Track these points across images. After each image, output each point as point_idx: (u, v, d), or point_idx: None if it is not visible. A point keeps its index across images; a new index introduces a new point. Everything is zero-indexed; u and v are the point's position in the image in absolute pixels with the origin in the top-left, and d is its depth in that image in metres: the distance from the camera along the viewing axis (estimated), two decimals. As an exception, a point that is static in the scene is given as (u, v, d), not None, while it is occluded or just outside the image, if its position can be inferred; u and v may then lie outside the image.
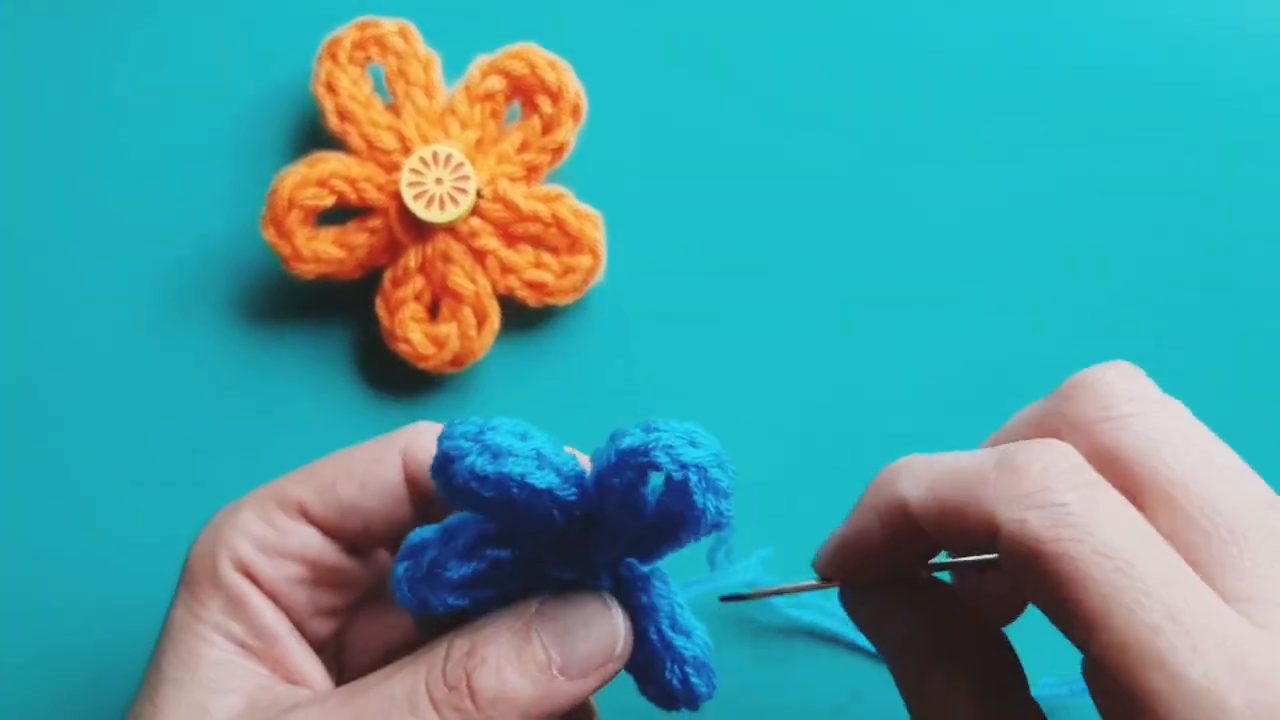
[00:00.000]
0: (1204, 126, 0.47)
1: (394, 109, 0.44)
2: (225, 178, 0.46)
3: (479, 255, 0.44)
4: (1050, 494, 0.26)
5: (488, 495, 0.28)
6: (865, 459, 0.33)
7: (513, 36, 0.45)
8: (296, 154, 0.45)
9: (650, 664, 0.31)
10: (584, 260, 0.44)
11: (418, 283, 0.44)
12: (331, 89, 0.44)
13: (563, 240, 0.44)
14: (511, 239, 0.44)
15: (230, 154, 0.46)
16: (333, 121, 0.44)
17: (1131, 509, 0.26)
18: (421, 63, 0.44)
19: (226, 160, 0.46)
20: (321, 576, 0.33)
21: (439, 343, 0.44)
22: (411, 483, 0.33)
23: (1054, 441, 0.27)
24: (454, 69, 0.45)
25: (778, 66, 0.47)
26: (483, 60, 0.44)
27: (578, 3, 0.47)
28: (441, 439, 0.28)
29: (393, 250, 0.44)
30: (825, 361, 0.45)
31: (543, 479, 0.28)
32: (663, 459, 0.27)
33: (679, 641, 0.31)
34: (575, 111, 0.44)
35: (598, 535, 0.30)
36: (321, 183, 0.43)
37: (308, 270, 0.44)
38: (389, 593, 0.33)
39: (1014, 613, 0.33)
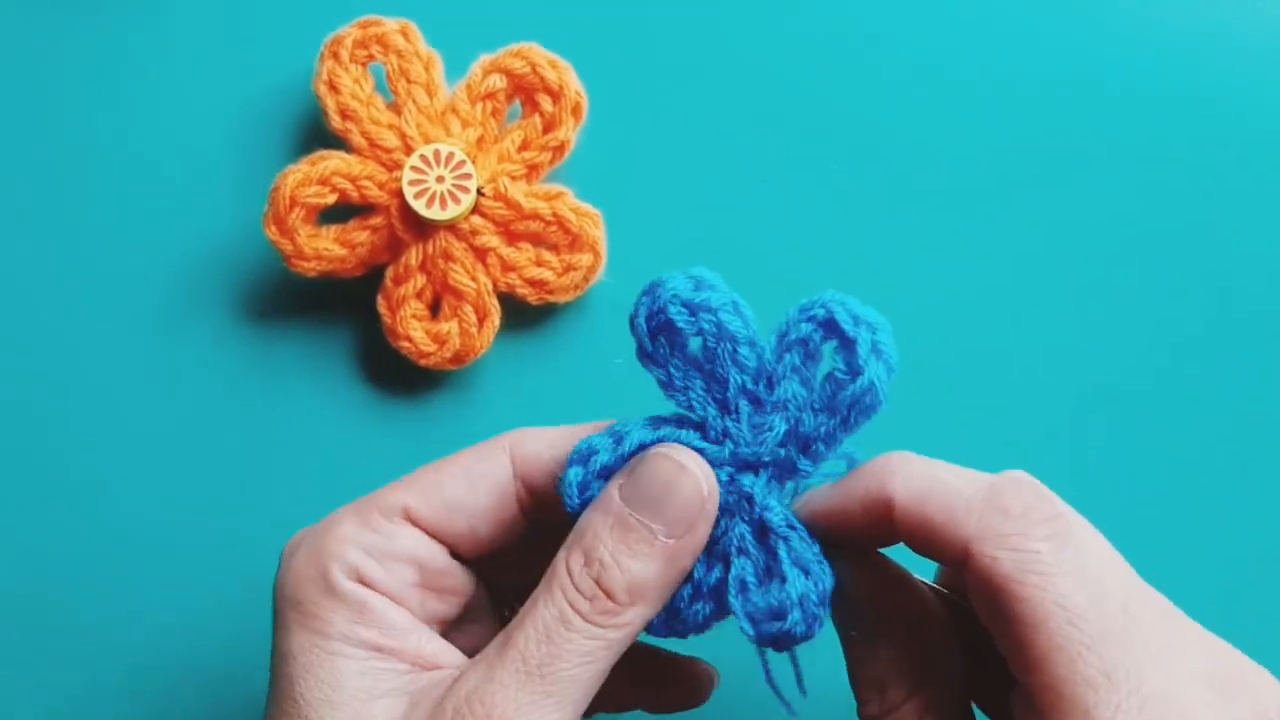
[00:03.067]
0: (1204, 130, 0.47)
1: (395, 107, 0.44)
2: (227, 176, 0.46)
3: (480, 253, 0.44)
4: (1025, 539, 0.28)
5: (682, 325, 0.31)
6: (864, 458, 0.33)
7: (514, 36, 0.45)
8: (298, 152, 0.45)
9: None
10: (584, 258, 0.44)
11: (419, 280, 0.44)
12: (333, 87, 0.44)
13: (563, 238, 0.44)
14: (512, 237, 0.44)
15: (232, 152, 0.46)
16: (334, 120, 0.44)
17: (1093, 562, 0.28)
18: (423, 61, 0.44)
19: (228, 159, 0.46)
20: (430, 580, 0.33)
21: (440, 340, 0.44)
22: (521, 480, 0.33)
23: (1036, 485, 0.29)
24: (455, 68, 0.45)
25: (778, 66, 0.47)
26: (484, 59, 0.45)
27: (578, 3, 0.47)
28: (651, 284, 0.31)
29: (394, 248, 0.44)
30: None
31: (735, 321, 0.31)
32: (840, 312, 0.31)
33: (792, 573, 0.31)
34: (576, 110, 0.44)
35: (765, 415, 0.31)
36: (323, 181, 0.43)
37: (309, 268, 0.44)
38: (478, 610, 0.35)
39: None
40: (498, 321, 0.44)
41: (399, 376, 0.46)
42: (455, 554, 0.34)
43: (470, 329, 0.44)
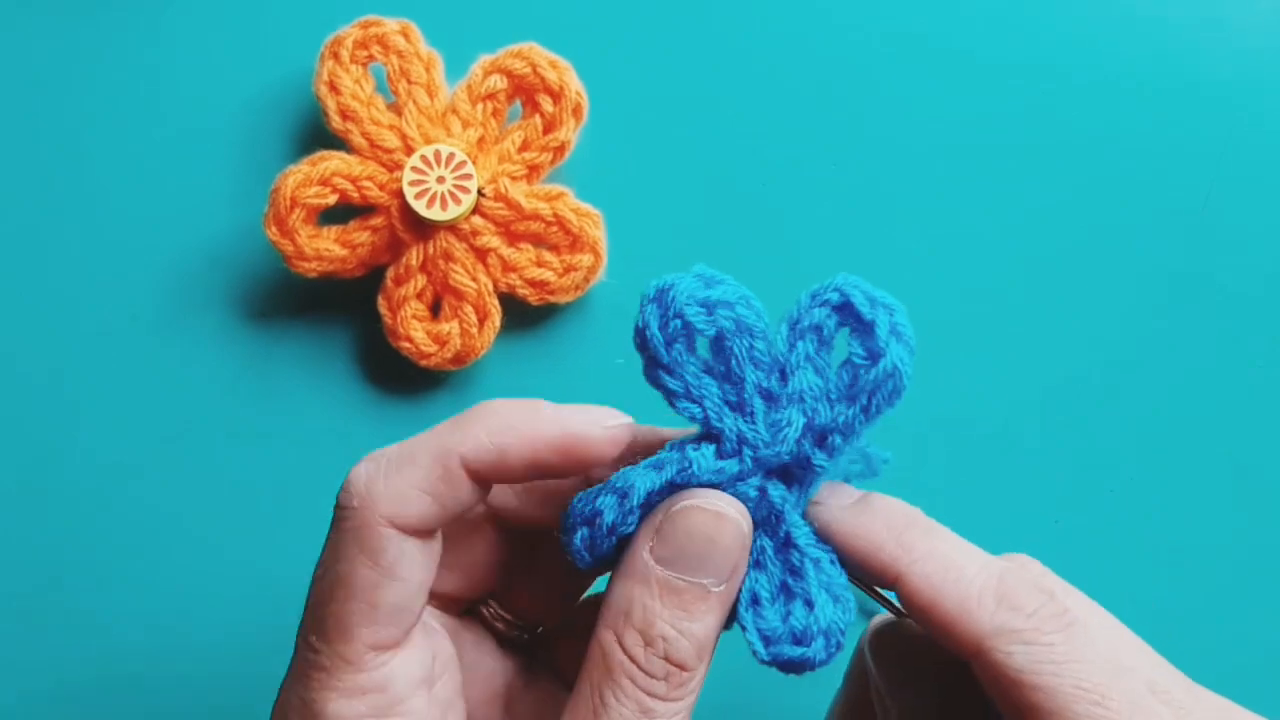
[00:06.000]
0: (1205, 129, 0.47)
1: (396, 108, 0.44)
2: (228, 177, 0.46)
3: (480, 254, 0.44)
4: (1039, 634, 0.28)
5: (701, 325, 0.29)
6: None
7: (514, 36, 0.45)
8: (299, 153, 0.45)
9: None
10: (585, 259, 0.44)
11: (419, 281, 0.44)
12: (334, 88, 0.44)
13: (564, 239, 0.44)
14: (513, 237, 0.44)
15: (233, 153, 0.46)
16: (335, 121, 0.44)
17: (1108, 644, 0.28)
18: (423, 62, 0.44)
19: (229, 159, 0.46)
20: (433, 680, 0.31)
21: (440, 340, 0.44)
22: (412, 533, 0.30)
23: (1044, 576, 0.29)
24: (456, 68, 0.45)
25: (778, 67, 0.47)
26: (484, 60, 0.45)
27: (579, 3, 0.47)
28: (652, 284, 0.30)
29: (395, 249, 0.44)
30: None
31: (750, 315, 0.29)
32: (855, 294, 0.29)
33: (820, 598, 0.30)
34: (576, 111, 0.44)
35: (780, 410, 0.30)
36: (324, 181, 0.43)
37: (310, 269, 0.44)
38: (475, 658, 0.33)
39: None
40: (498, 322, 0.44)
41: (399, 376, 0.46)
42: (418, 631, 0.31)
43: (471, 329, 0.44)
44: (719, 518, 0.29)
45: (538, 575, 0.34)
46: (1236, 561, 0.45)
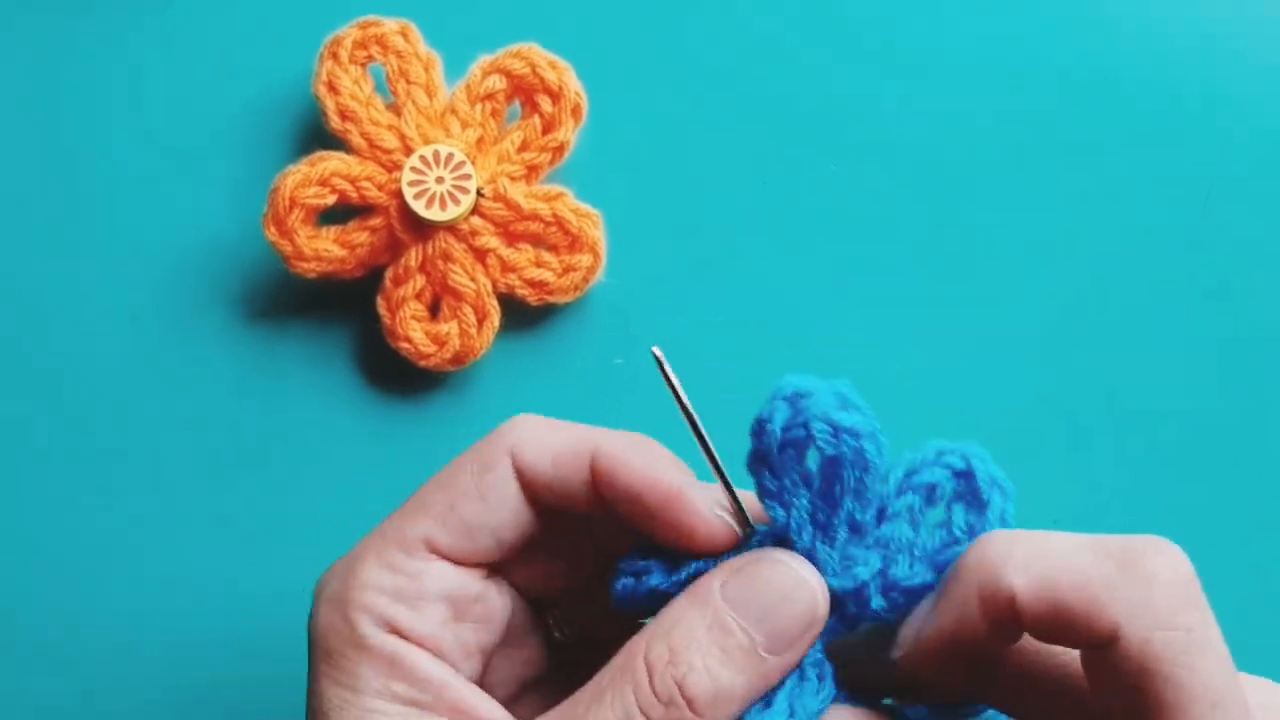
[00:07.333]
0: (1205, 129, 0.47)
1: (395, 108, 0.44)
2: (227, 177, 0.46)
3: (479, 254, 0.44)
4: (1178, 616, 0.26)
5: (822, 444, 0.28)
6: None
7: (513, 36, 0.45)
8: (298, 153, 0.45)
9: None
10: (584, 259, 0.44)
11: (418, 281, 0.44)
12: (333, 88, 0.44)
13: (563, 239, 0.44)
14: (512, 238, 0.44)
15: (232, 153, 0.46)
16: (334, 121, 0.44)
17: (1222, 640, 0.26)
18: (422, 62, 0.44)
19: (228, 159, 0.46)
20: (464, 611, 0.31)
21: (439, 341, 0.44)
22: (526, 485, 0.31)
23: (1170, 546, 0.27)
24: (455, 68, 0.45)
25: (778, 67, 0.47)
26: (483, 60, 0.45)
27: (578, 3, 0.47)
28: (790, 382, 0.29)
29: (394, 249, 0.44)
30: (827, 360, 0.45)
31: (873, 451, 0.28)
32: (980, 468, 0.29)
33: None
34: (575, 111, 0.44)
35: (861, 548, 0.30)
36: (323, 182, 0.43)
37: (309, 269, 0.44)
38: (517, 630, 0.33)
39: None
40: (497, 322, 0.44)
41: (399, 377, 0.46)
42: (486, 572, 0.32)
43: (470, 330, 0.44)
44: (801, 582, 0.28)
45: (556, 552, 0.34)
46: (1236, 563, 0.45)
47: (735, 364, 0.45)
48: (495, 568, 0.32)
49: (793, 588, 0.28)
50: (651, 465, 0.30)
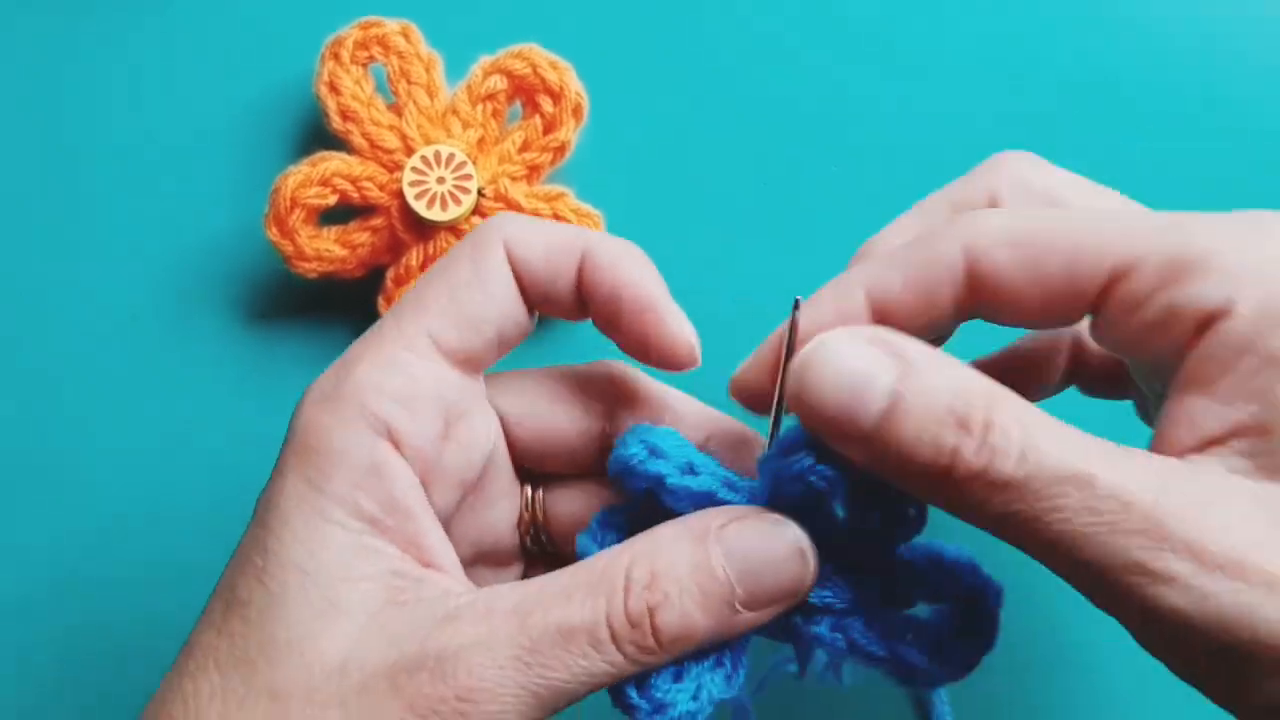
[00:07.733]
0: (1205, 129, 0.47)
1: (396, 109, 0.44)
2: (228, 177, 0.46)
3: (480, 254, 0.44)
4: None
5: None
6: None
7: (514, 37, 0.45)
8: (299, 153, 0.45)
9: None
10: (585, 259, 0.44)
11: (419, 281, 0.44)
12: (334, 89, 0.44)
13: (564, 239, 0.44)
14: (513, 238, 0.44)
15: (233, 154, 0.47)
16: (335, 121, 0.44)
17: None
18: (424, 63, 0.44)
19: (229, 160, 0.46)
20: (453, 430, 0.30)
21: (441, 341, 0.44)
22: (518, 277, 0.30)
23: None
24: (456, 69, 0.45)
25: (778, 67, 0.47)
26: (485, 60, 0.45)
27: (579, 3, 0.47)
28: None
29: (395, 249, 0.44)
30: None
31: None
32: (992, 594, 0.30)
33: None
34: (576, 111, 0.44)
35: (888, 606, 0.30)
36: (324, 182, 0.43)
37: (310, 269, 0.44)
38: (491, 484, 0.32)
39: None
40: (498, 322, 0.44)
41: (399, 377, 0.46)
42: (479, 382, 0.31)
43: (471, 330, 0.44)
44: (800, 556, 0.28)
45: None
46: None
47: (735, 364, 0.45)
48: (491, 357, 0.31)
49: (788, 557, 0.28)
50: (639, 271, 0.30)
